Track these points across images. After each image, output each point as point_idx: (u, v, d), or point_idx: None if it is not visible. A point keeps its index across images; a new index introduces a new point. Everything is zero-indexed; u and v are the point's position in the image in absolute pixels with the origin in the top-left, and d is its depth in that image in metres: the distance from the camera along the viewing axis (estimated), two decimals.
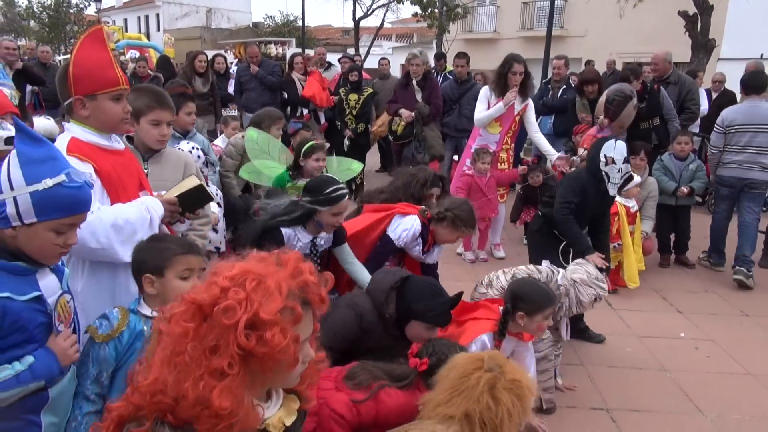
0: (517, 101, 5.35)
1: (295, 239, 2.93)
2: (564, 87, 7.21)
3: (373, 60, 21.68)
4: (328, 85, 7.94)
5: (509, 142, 5.61)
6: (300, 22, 24.47)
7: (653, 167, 5.51)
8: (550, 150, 5.47)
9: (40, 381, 1.60)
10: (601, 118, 5.40)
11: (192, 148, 3.72)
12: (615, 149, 3.72)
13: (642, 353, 3.82)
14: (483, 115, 5.44)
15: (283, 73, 7.92)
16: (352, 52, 19.03)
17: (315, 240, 2.98)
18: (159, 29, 38.76)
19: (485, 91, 5.53)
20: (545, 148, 5.52)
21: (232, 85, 8.34)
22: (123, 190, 2.11)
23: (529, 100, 5.47)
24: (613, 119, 5.35)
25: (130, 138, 2.57)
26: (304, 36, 23.45)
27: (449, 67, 8.44)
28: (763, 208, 7.71)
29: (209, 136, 7.15)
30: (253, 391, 1.15)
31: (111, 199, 2.07)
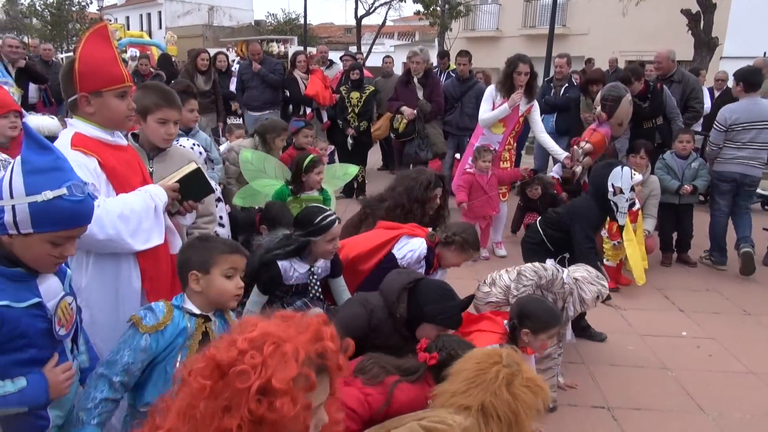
0: (522, 102, 5.34)
1: (291, 270, 3.02)
2: (566, 85, 7.20)
3: (375, 58, 21.70)
4: (330, 84, 7.94)
5: (512, 142, 5.61)
6: (302, 20, 24.43)
7: (655, 166, 5.50)
8: (556, 149, 5.49)
9: (23, 407, 1.57)
10: (598, 110, 5.42)
11: (193, 145, 3.72)
12: (622, 178, 3.63)
13: (643, 352, 3.82)
14: (488, 115, 5.43)
15: (285, 71, 7.91)
16: (354, 50, 19.02)
17: (312, 269, 3.07)
18: (161, 27, 38.77)
19: (491, 91, 5.52)
20: (552, 148, 5.53)
21: (233, 83, 8.34)
22: (128, 184, 2.11)
23: (535, 102, 5.47)
24: (609, 116, 5.38)
25: (135, 135, 2.58)
26: (306, 34, 23.40)
27: (452, 65, 8.43)
28: (766, 207, 7.74)
29: (211, 134, 7.19)
30: None
31: (116, 193, 2.07)
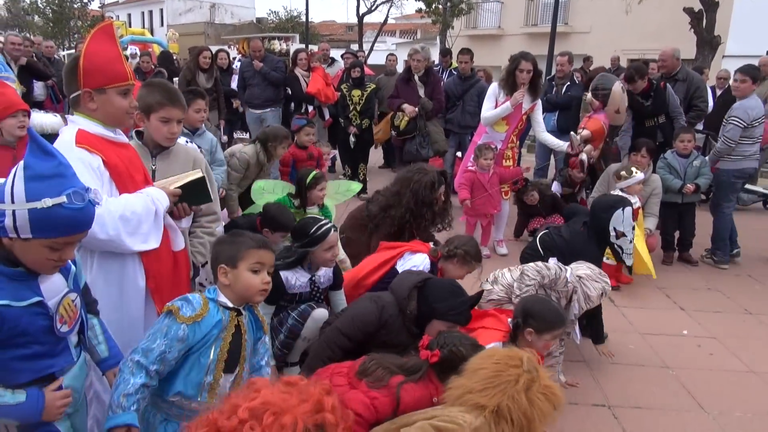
0: (526, 100, 5.34)
1: (294, 279, 3.09)
2: (568, 84, 7.19)
3: (377, 56, 21.68)
4: (332, 81, 7.93)
5: (515, 140, 5.61)
6: (304, 18, 24.44)
7: (657, 165, 5.49)
8: (558, 143, 5.53)
9: (14, 421, 1.60)
10: (589, 96, 5.43)
11: (185, 142, 3.71)
12: (624, 221, 3.57)
13: (644, 350, 3.82)
14: (490, 114, 5.43)
15: (286, 68, 7.91)
16: (355, 48, 19.02)
17: (314, 278, 3.14)
18: (162, 24, 38.76)
19: (494, 89, 5.51)
20: (552, 143, 5.56)
21: (235, 80, 8.34)
22: (131, 182, 2.12)
23: (538, 100, 5.47)
24: (603, 104, 5.41)
25: (140, 133, 2.58)
26: (308, 32, 23.41)
27: (454, 63, 8.43)
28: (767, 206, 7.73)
29: (214, 132, 7.19)
30: None
31: (120, 191, 2.08)
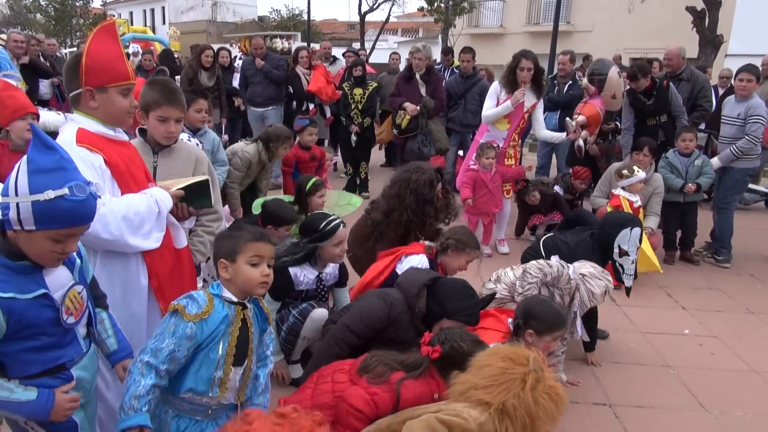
0: (528, 98, 5.34)
1: (302, 276, 3.12)
2: (570, 83, 7.18)
3: (379, 54, 21.67)
4: (333, 80, 7.92)
5: (517, 138, 5.60)
6: (305, 16, 24.43)
7: (659, 165, 5.48)
8: (557, 136, 5.62)
9: (20, 416, 1.63)
10: (584, 81, 5.42)
11: (188, 138, 3.71)
12: (629, 240, 3.54)
13: (646, 349, 3.82)
14: (491, 112, 5.44)
15: (288, 66, 7.91)
16: (357, 46, 18.99)
17: (321, 276, 3.19)
18: (164, 22, 38.75)
19: (495, 87, 5.51)
20: (553, 136, 5.62)
21: (236, 78, 8.34)
22: (133, 181, 2.12)
23: (540, 100, 5.46)
24: (600, 90, 5.39)
25: (143, 130, 2.58)
26: (310, 30, 23.41)
27: (456, 62, 8.42)
28: None
29: (215, 130, 7.20)
30: None
31: (121, 190, 2.08)
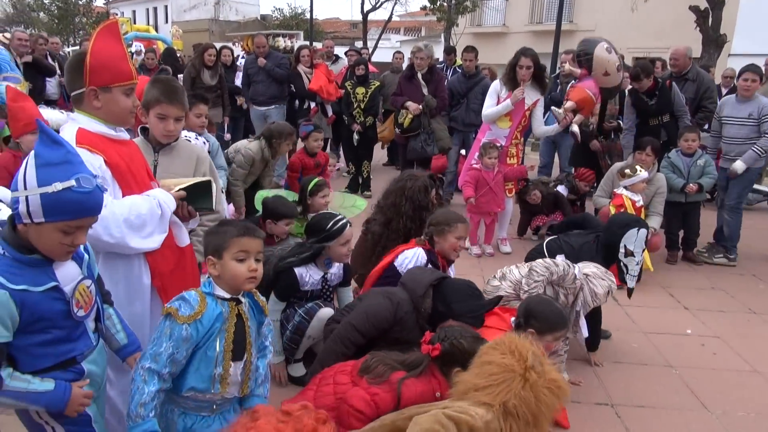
0: (529, 96, 5.35)
1: (307, 276, 3.14)
2: (573, 82, 7.17)
3: (381, 53, 21.64)
4: (335, 78, 7.92)
5: (519, 136, 5.60)
6: (308, 15, 24.43)
7: (661, 165, 5.47)
8: (551, 129, 5.60)
9: (38, 406, 1.66)
10: (567, 66, 5.39)
11: (195, 137, 3.73)
12: (636, 241, 3.55)
13: (648, 349, 3.82)
14: (491, 111, 5.45)
15: (290, 65, 7.91)
16: (359, 45, 19.00)
17: (326, 275, 3.21)
18: (167, 21, 38.78)
19: (495, 86, 5.52)
20: (548, 130, 5.61)
21: (239, 77, 8.34)
22: (134, 180, 2.12)
23: (541, 97, 5.46)
24: (590, 71, 5.43)
25: (145, 129, 2.58)
26: (312, 29, 23.40)
27: (459, 61, 8.41)
28: None
29: (218, 129, 7.21)
30: None
31: (123, 190, 2.08)
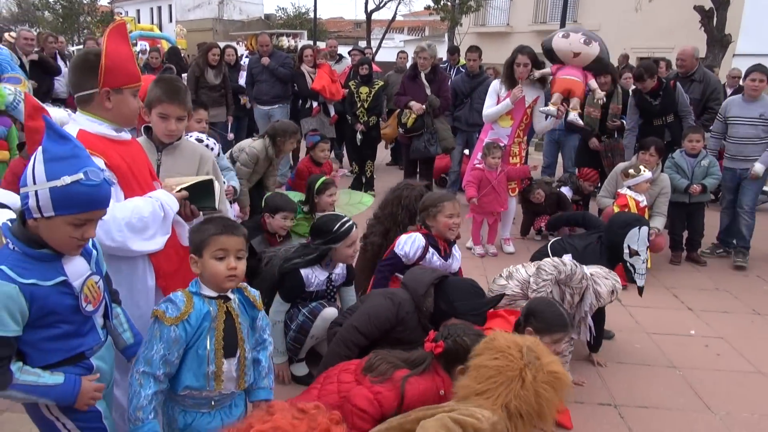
0: (529, 93, 5.36)
1: (313, 277, 3.15)
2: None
3: (385, 53, 21.66)
4: (338, 78, 7.93)
5: (521, 135, 5.59)
6: (312, 15, 24.42)
7: (665, 165, 5.46)
8: (550, 123, 5.56)
9: (48, 400, 1.68)
10: (535, 74, 5.38)
11: (208, 145, 3.77)
12: (639, 240, 3.54)
13: (651, 350, 3.81)
14: (491, 110, 5.48)
15: (294, 64, 7.92)
16: (363, 44, 19.00)
17: (331, 276, 3.23)
18: (171, 20, 38.84)
19: (495, 86, 5.55)
20: (546, 124, 5.59)
21: (242, 77, 8.35)
22: (136, 181, 2.12)
23: (541, 94, 5.47)
24: (561, 62, 5.42)
25: (148, 128, 2.58)
26: (316, 28, 23.40)
27: (462, 61, 8.40)
28: None
29: (221, 128, 7.22)
30: None
31: (125, 192, 2.07)
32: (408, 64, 8.66)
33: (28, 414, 1.82)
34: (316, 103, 7.63)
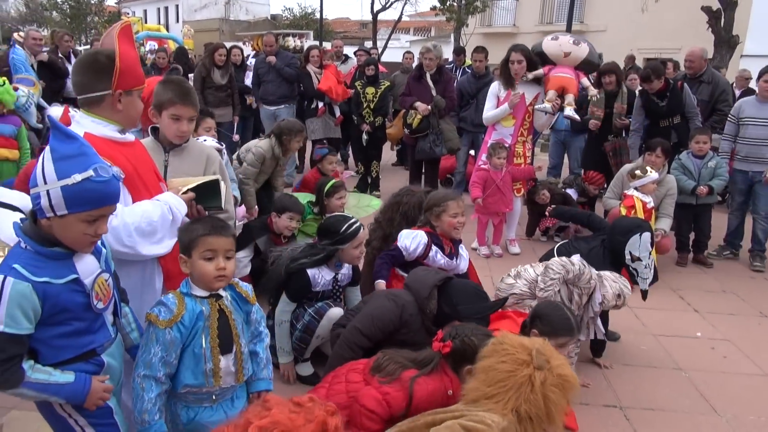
0: (529, 91, 5.40)
1: (319, 277, 3.16)
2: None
3: (391, 53, 21.63)
4: (344, 79, 7.93)
5: (525, 134, 5.59)
6: (318, 15, 24.48)
7: (671, 166, 5.43)
8: (547, 120, 5.62)
9: (59, 398, 1.70)
10: (529, 76, 5.40)
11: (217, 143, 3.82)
12: (640, 246, 3.51)
13: (657, 352, 3.79)
14: (489, 114, 5.55)
15: (300, 64, 7.93)
16: (369, 45, 19.01)
17: (337, 276, 3.25)
18: (178, 20, 38.98)
19: (493, 88, 5.60)
20: (546, 119, 5.62)
21: (248, 77, 8.37)
22: (143, 183, 2.12)
23: (541, 90, 5.48)
24: (552, 63, 5.45)
25: (155, 129, 2.59)
26: (322, 29, 23.44)
27: (468, 61, 8.40)
28: None
29: (227, 129, 7.25)
30: None
31: (132, 194, 2.07)
32: (414, 65, 8.66)
33: (39, 411, 1.83)
34: (321, 104, 7.64)
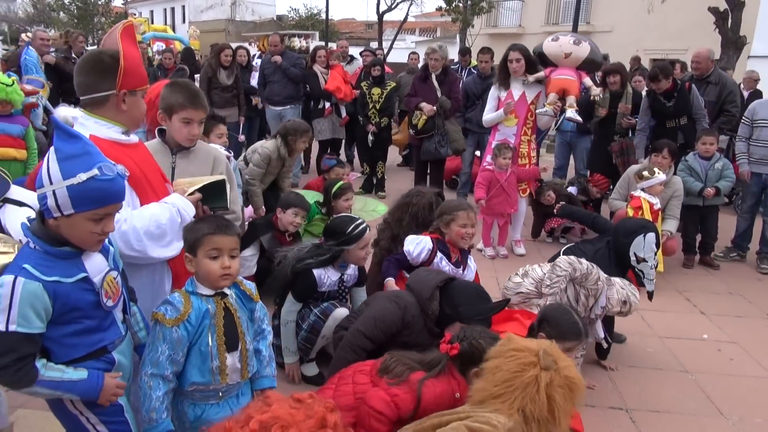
0: (530, 90, 5.42)
1: (325, 278, 3.17)
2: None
3: (396, 54, 21.66)
4: (350, 79, 7.94)
5: (528, 132, 5.58)
6: (324, 15, 24.51)
7: (678, 168, 5.41)
8: (547, 118, 5.55)
9: (72, 395, 1.72)
10: (530, 78, 5.41)
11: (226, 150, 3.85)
12: (644, 247, 3.51)
13: (663, 354, 3.78)
14: (488, 117, 5.59)
15: (306, 65, 7.95)
16: (375, 45, 19.01)
17: (343, 276, 3.26)
18: (184, 21, 39.11)
19: (493, 91, 5.63)
20: (546, 118, 5.59)
21: (254, 77, 8.39)
22: (149, 185, 2.12)
23: (542, 89, 5.48)
24: (553, 65, 5.46)
25: (162, 131, 2.59)
26: (328, 29, 23.45)
27: (474, 62, 8.39)
28: None
29: (233, 129, 7.26)
30: None
31: (140, 198, 2.07)
32: (419, 65, 8.67)
33: (51, 409, 1.85)
34: (328, 104, 7.65)
